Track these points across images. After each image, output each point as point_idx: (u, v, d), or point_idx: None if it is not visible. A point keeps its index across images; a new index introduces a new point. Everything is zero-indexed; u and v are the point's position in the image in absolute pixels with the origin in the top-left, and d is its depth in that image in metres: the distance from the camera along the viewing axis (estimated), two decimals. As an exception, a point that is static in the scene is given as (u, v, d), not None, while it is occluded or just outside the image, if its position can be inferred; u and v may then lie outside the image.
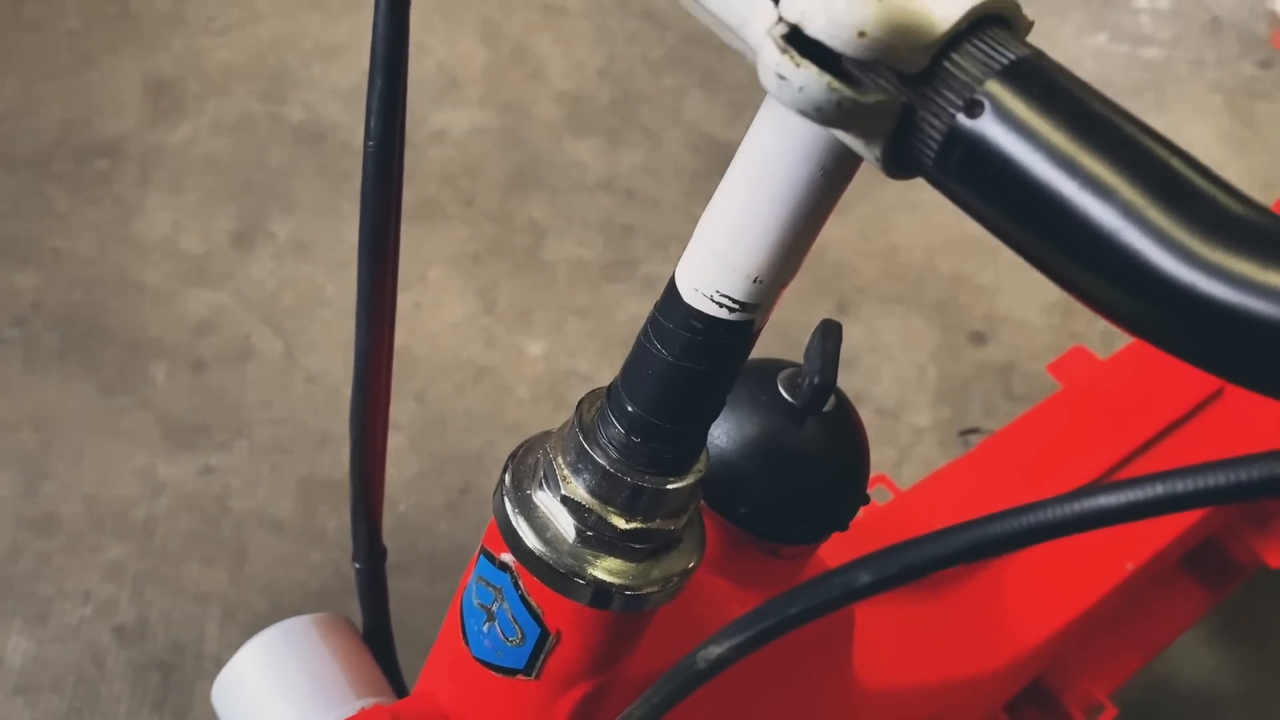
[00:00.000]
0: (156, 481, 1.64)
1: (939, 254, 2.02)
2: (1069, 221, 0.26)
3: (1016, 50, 0.28)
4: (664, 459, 0.39)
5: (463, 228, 1.97)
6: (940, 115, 0.28)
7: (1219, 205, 0.26)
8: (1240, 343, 0.24)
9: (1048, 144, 0.27)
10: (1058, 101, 0.27)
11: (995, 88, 0.28)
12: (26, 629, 1.48)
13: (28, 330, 1.77)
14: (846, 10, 0.27)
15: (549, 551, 0.40)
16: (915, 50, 0.28)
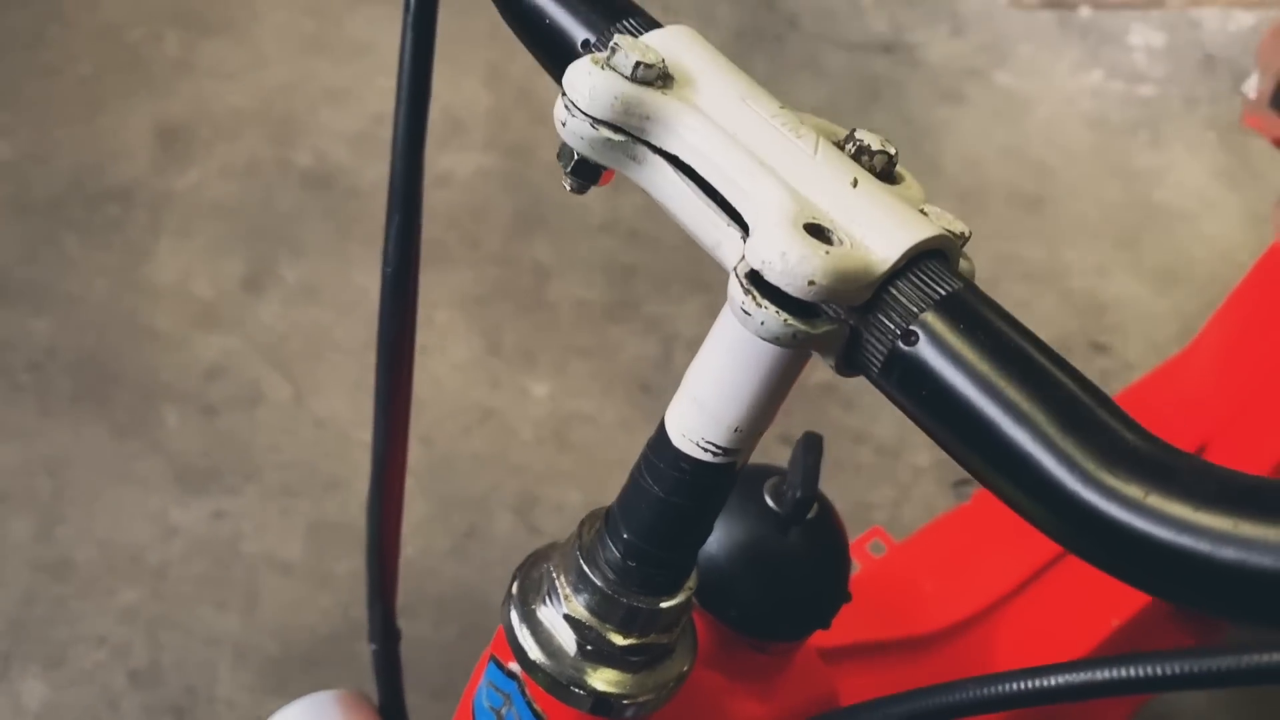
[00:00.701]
0: (169, 525, 1.67)
1: (937, 293, 2.06)
2: (989, 439, 0.30)
3: (948, 285, 0.32)
4: (656, 581, 0.43)
5: (468, 270, 2.00)
6: (881, 341, 0.32)
7: (1114, 433, 0.29)
8: (1125, 551, 0.28)
9: (973, 371, 0.30)
10: (983, 333, 0.31)
11: (929, 319, 0.31)
12: (43, 674, 1.51)
13: (42, 375, 1.81)
14: (798, 263, 0.31)
15: (552, 664, 0.43)
16: (859, 289, 0.32)
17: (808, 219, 0.32)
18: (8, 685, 1.49)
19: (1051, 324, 2.02)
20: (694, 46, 0.37)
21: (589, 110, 0.36)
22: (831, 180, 0.33)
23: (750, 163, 0.34)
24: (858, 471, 1.81)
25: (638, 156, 0.37)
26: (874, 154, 0.37)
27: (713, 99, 0.35)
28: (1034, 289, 2.08)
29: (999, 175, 2.27)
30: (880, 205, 0.33)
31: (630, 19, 0.39)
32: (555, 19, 0.40)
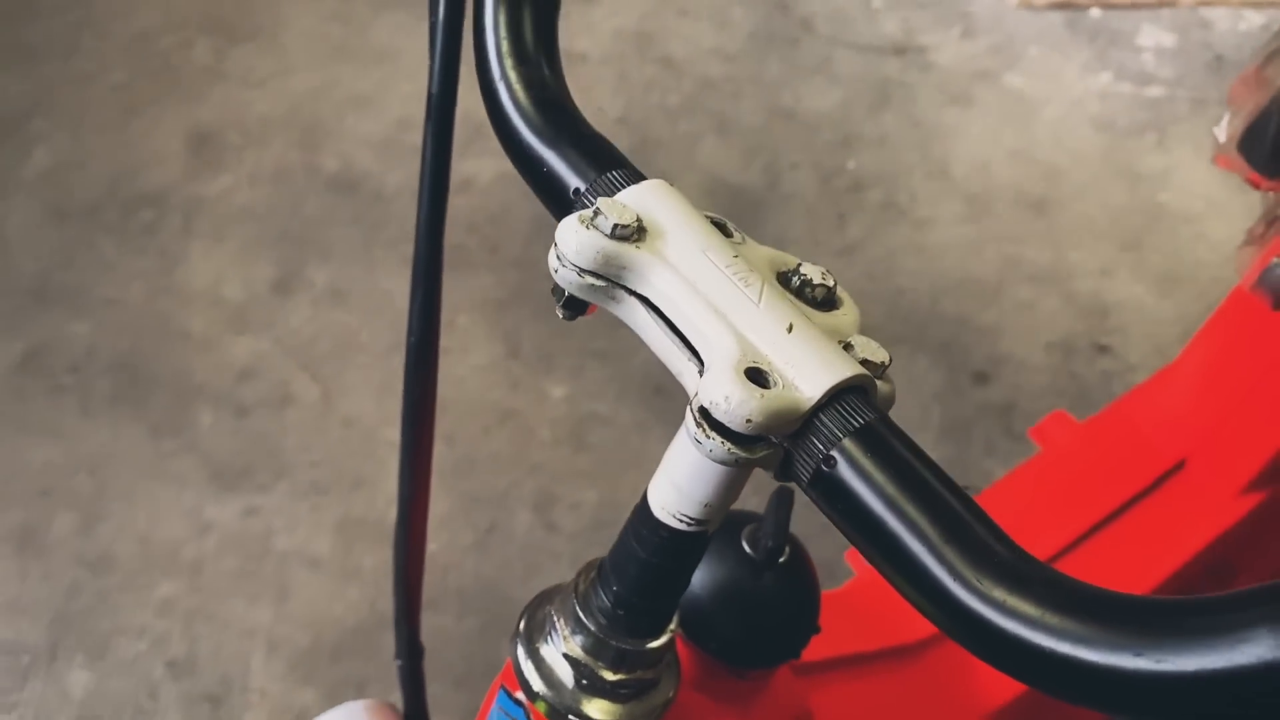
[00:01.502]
0: (204, 522, 1.75)
1: (943, 296, 2.11)
2: (892, 548, 0.36)
3: (862, 418, 0.39)
4: (641, 627, 0.50)
5: (488, 275, 2.07)
6: (807, 463, 0.39)
7: (986, 547, 0.36)
8: (990, 641, 0.34)
9: (879, 491, 0.37)
10: (887, 460, 0.38)
11: (845, 446, 0.38)
12: (87, 664, 1.60)
13: (82, 377, 1.89)
14: (739, 405, 0.38)
15: (553, 695, 0.50)
16: (788, 422, 0.38)
17: (749, 364, 0.39)
18: (54, 674, 1.58)
19: (1055, 326, 2.08)
20: (666, 200, 0.44)
21: (575, 262, 0.42)
22: (771, 326, 0.40)
23: (706, 310, 0.40)
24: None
25: (617, 297, 0.43)
26: (815, 287, 0.44)
27: (678, 250, 0.42)
28: (1039, 290, 2.13)
29: (1007, 177, 2.31)
30: (810, 348, 0.40)
31: (615, 171, 0.46)
32: (552, 168, 0.47)
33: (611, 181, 0.45)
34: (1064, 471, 1.19)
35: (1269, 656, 0.29)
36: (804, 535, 1.56)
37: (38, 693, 1.56)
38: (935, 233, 2.21)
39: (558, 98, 0.49)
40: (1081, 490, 1.14)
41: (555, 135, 0.47)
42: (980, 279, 2.14)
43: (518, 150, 0.48)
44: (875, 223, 2.22)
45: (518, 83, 0.48)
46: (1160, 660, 0.31)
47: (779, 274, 0.45)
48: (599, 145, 0.48)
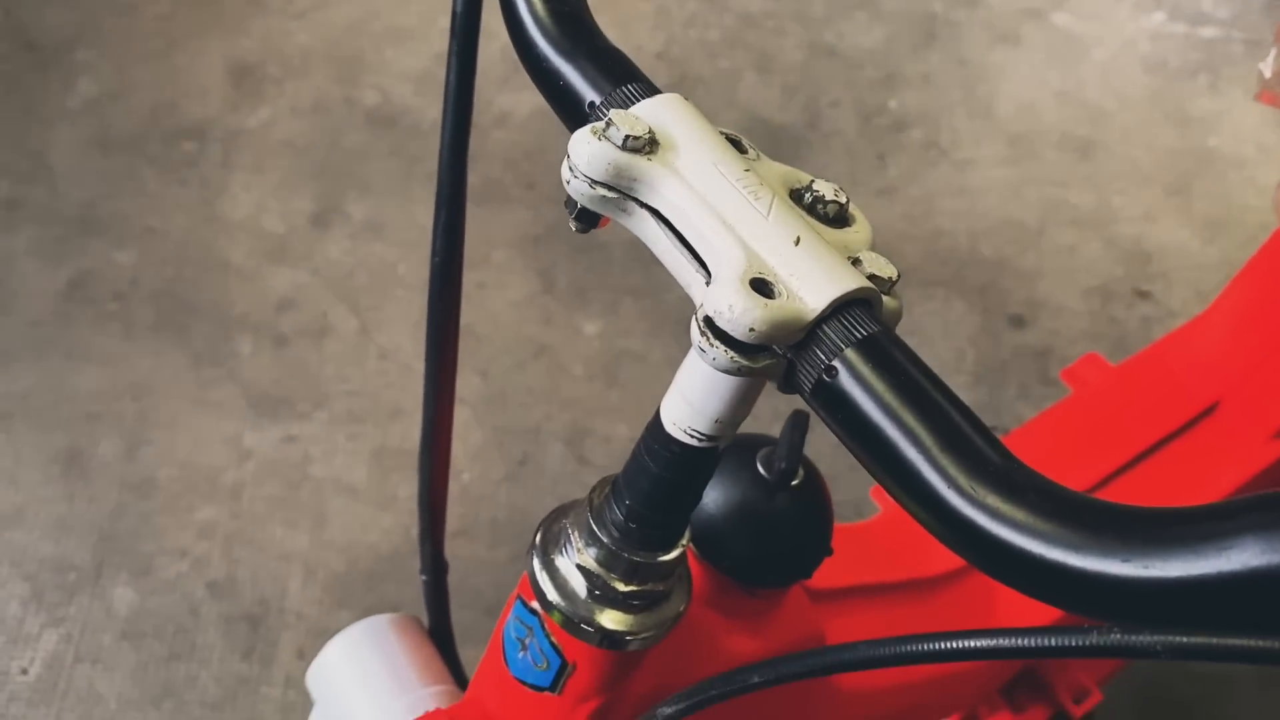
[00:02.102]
0: (243, 449, 1.79)
1: (983, 238, 2.09)
2: (890, 456, 0.37)
3: (865, 329, 0.39)
4: (653, 540, 0.51)
5: (524, 210, 2.08)
6: (809, 373, 0.39)
7: (986, 458, 0.36)
8: (984, 547, 0.35)
9: (879, 401, 0.37)
10: (889, 371, 0.38)
11: (846, 357, 0.38)
12: (131, 582, 1.64)
13: (126, 305, 1.93)
14: (742, 314, 0.38)
15: (567, 605, 0.51)
16: (792, 332, 0.39)
17: (755, 274, 0.39)
18: (100, 591, 1.63)
19: (1096, 270, 2.05)
20: (679, 113, 0.44)
21: (587, 173, 0.43)
22: (778, 239, 0.40)
23: (715, 222, 0.41)
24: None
25: (628, 209, 0.43)
26: (827, 203, 0.44)
27: (690, 163, 0.42)
28: (1080, 235, 2.10)
29: (1052, 119, 2.27)
30: (816, 261, 0.40)
31: (630, 84, 0.46)
32: (569, 81, 0.47)
33: (627, 95, 0.46)
34: (1095, 412, 1.18)
35: (1254, 564, 0.29)
36: (831, 473, 1.56)
37: (84, 608, 1.61)
38: (976, 174, 2.18)
39: (575, 11, 0.49)
40: (1112, 430, 1.13)
41: (572, 48, 0.47)
42: (1021, 222, 2.11)
43: (535, 63, 0.49)
44: (916, 163, 2.20)
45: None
46: (1147, 566, 0.31)
47: (792, 190, 0.45)
48: (615, 59, 0.48)
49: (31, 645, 1.58)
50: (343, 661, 0.76)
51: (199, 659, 1.59)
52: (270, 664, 1.60)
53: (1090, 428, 1.17)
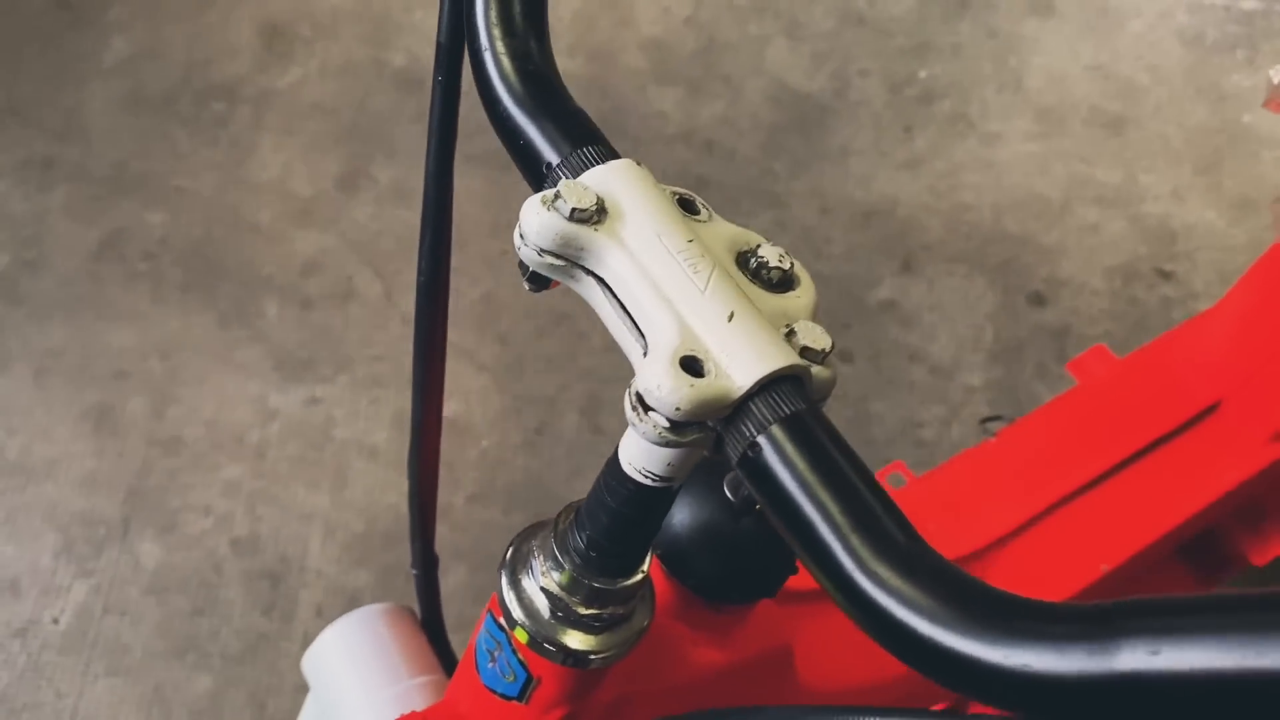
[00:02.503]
0: (268, 409, 1.83)
1: (1007, 213, 2.08)
2: (805, 532, 0.39)
3: (790, 407, 0.40)
4: (613, 567, 0.53)
5: (548, 177, 2.09)
6: (735, 448, 0.41)
7: (891, 538, 0.38)
8: (892, 630, 0.37)
9: (800, 480, 0.39)
10: (808, 451, 0.40)
11: (773, 433, 0.40)
12: (157, 537, 1.70)
13: (156, 265, 1.97)
14: (669, 394, 0.40)
15: (532, 624, 0.54)
16: (718, 409, 0.41)
17: (686, 350, 0.41)
18: (127, 545, 1.69)
19: (1119, 249, 2.04)
20: (630, 181, 0.46)
21: (536, 242, 0.45)
22: (713, 314, 0.42)
23: (653, 295, 0.42)
24: (910, 389, 1.88)
25: (575, 276, 0.45)
26: (770, 269, 0.45)
27: (634, 234, 0.44)
28: (1105, 213, 2.08)
29: (1083, 93, 2.25)
30: (747, 337, 0.41)
31: (589, 147, 0.48)
32: (530, 140, 0.49)
33: (583, 158, 0.47)
34: (1098, 406, 1.19)
35: (1130, 668, 0.31)
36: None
37: (113, 562, 1.67)
38: (1004, 148, 2.16)
39: (542, 71, 0.51)
40: (1113, 426, 1.15)
41: (535, 108, 0.49)
42: (1045, 198, 2.10)
43: (499, 120, 0.50)
44: (943, 135, 2.19)
45: (504, 53, 0.50)
46: (1025, 659, 0.33)
47: (739, 253, 0.47)
48: (577, 121, 0.50)
49: (62, 596, 1.64)
50: (335, 650, 0.79)
51: (221, 614, 1.64)
52: (290, 620, 1.65)
53: (1092, 422, 1.18)
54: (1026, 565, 1.03)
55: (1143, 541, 1.05)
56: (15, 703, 1.56)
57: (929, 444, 1.83)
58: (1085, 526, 1.08)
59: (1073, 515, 1.09)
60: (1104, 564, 1.04)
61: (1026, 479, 1.11)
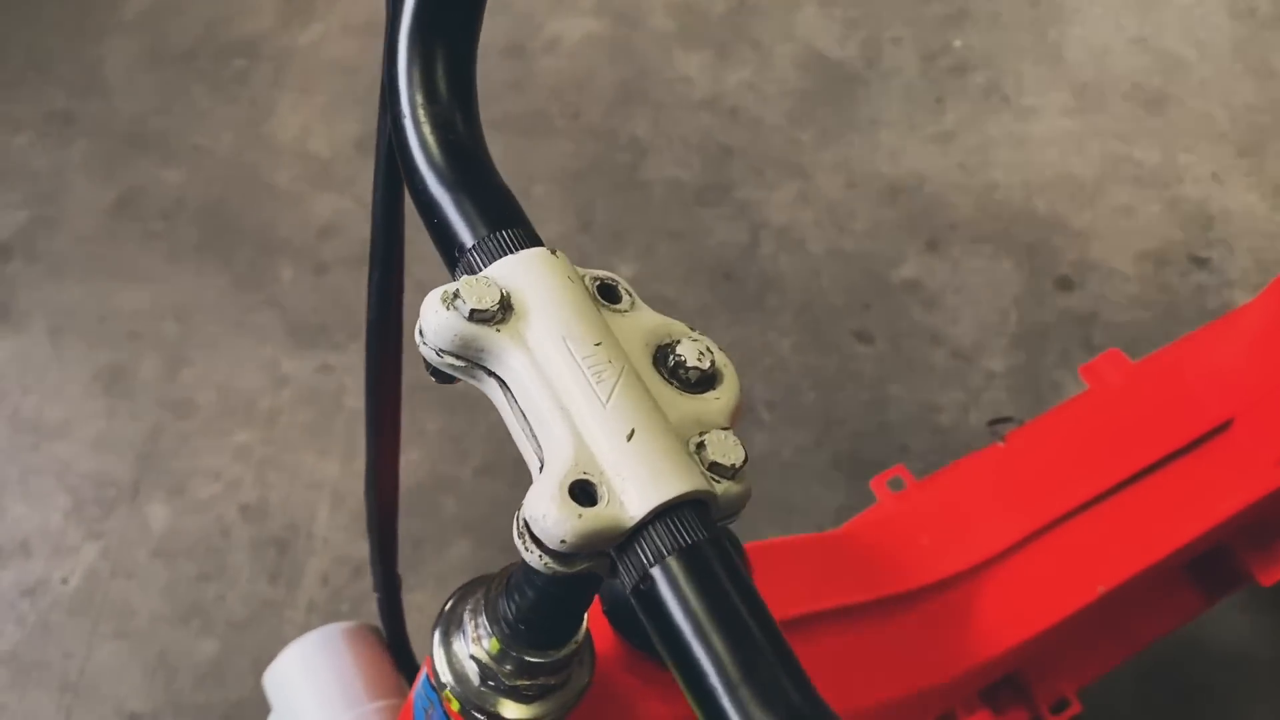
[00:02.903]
0: (280, 375, 1.83)
1: (1038, 193, 2.02)
2: (693, 674, 0.36)
3: (688, 537, 0.38)
4: (542, 641, 0.51)
5: (567, 142, 2.06)
6: (629, 578, 0.38)
7: (782, 691, 0.35)
8: None
9: (692, 619, 0.36)
10: (706, 586, 0.37)
11: (664, 568, 0.37)
12: (166, 500, 1.71)
13: (172, 224, 1.96)
14: (554, 525, 0.37)
15: (461, 690, 0.53)
16: (609, 540, 0.38)
17: (579, 474, 0.38)
18: (137, 508, 1.70)
19: (1153, 233, 1.98)
20: (542, 274, 0.43)
21: (432, 343, 0.42)
22: (612, 432, 0.39)
23: (552, 408, 0.40)
24: (930, 373, 1.85)
25: (477, 376, 0.43)
26: (688, 369, 0.42)
27: (538, 336, 0.41)
28: (1140, 194, 2.02)
29: (1124, 67, 2.17)
30: (645, 459, 0.39)
31: (507, 231, 0.44)
32: (445, 217, 0.46)
33: (499, 243, 0.44)
34: (1108, 417, 1.15)
35: None
36: (859, 430, 1.56)
37: (121, 524, 1.69)
38: (1038, 124, 2.10)
39: (467, 143, 0.47)
40: (1122, 439, 1.11)
41: (454, 182, 0.46)
42: (1079, 178, 2.03)
43: (416, 191, 0.47)
44: (976, 109, 2.12)
45: (425, 121, 0.47)
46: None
47: (659, 348, 0.44)
48: (498, 200, 0.47)
49: (72, 556, 1.66)
50: (295, 670, 0.79)
51: (227, 580, 1.66)
52: (295, 588, 1.66)
53: (1101, 432, 1.15)
54: (1020, 584, 1.00)
55: (1143, 563, 1.02)
56: (24, 660, 1.59)
57: (945, 430, 1.79)
58: (1085, 545, 1.05)
59: (1073, 532, 1.06)
60: (1101, 585, 1.01)
61: (1028, 491, 1.08)
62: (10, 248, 1.92)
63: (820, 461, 1.74)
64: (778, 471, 1.73)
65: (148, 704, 1.55)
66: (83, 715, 1.54)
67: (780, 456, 1.75)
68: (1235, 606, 1.64)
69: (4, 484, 1.71)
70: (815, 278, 1.92)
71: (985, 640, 0.96)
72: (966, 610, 0.97)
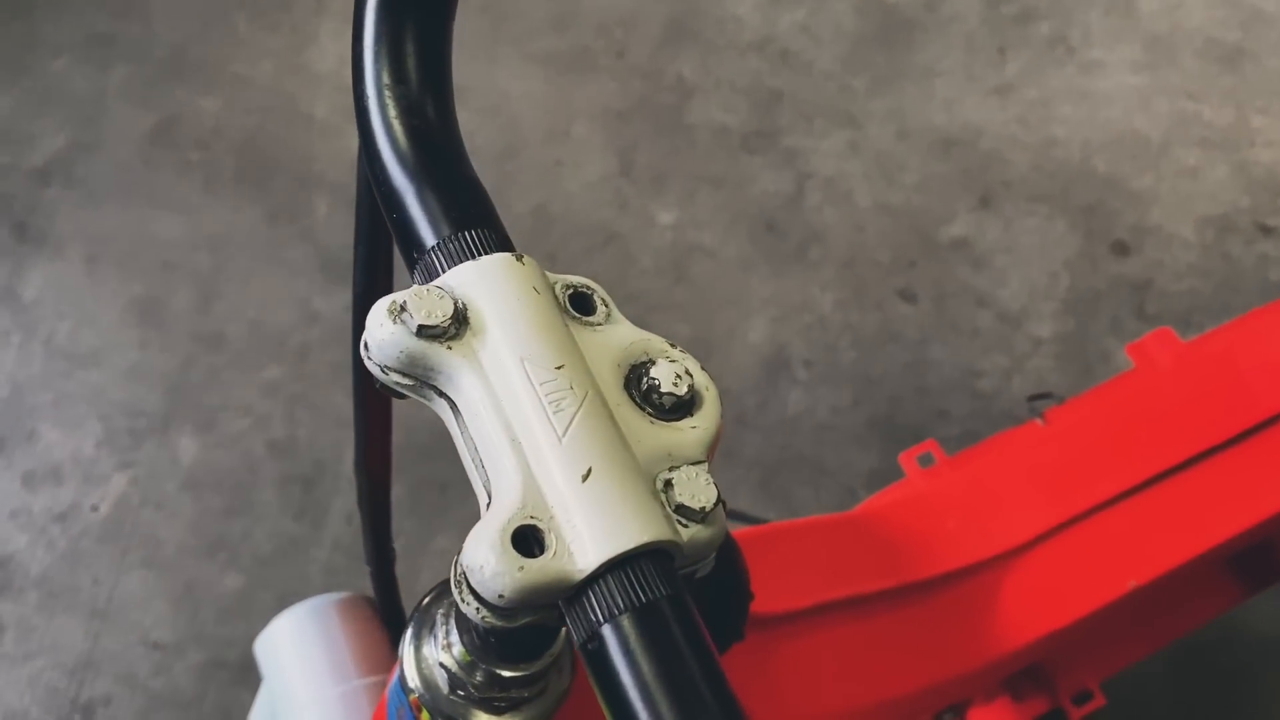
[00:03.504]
0: (312, 311, 1.81)
1: (1099, 152, 1.94)
2: None
3: (646, 593, 0.34)
4: (512, 655, 0.48)
5: (611, 81, 2.00)
6: (576, 632, 0.35)
7: None
8: None
9: (641, 686, 0.33)
10: (659, 650, 0.33)
11: (621, 623, 0.34)
12: (195, 434, 1.71)
13: (209, 154, 1.94)
14: (492, 578, 0.34)
15: (430, 697, 0.50)
16: (555, 594, 0.34)
17: (525, 519, 0.35)
18: (167, 440, 1.70)
19: (1217, 199, 1.89)
20: (503, 283, 0.39)
21: (377, 359, 0.38)
22: (565, 471, 0.35)
23: (502, 440, 0.36)
24: (974, 336, 1.79)
25: (427, 396, 0.39)
26: (662, 395, 0.39)
27: (493, 356, 0.37)
28: (1207, 156, 1.93)
29: (1199, 20, 2.06)
30: (601, 504, 0.35)
31: (471, 232, 0.40)
32: (407, 213, 0.41)
33: (461, 245, 0.40)
34: (1153, 401, 1.10)
35: None
36: (895, 394, 1.52)
37: (152, 455, 1.69)
38: (1104, 78, 2.00)
39: (437, 133, 0.43)
40: (1167, 425, 1.06)
41: (419, 174, 0.42)
42: (1143, 137, 1.94)
43: (378, 183, 0.43)
44: (1039, 60, 2.03)
45: (391, 105, 0.42)
46: None
47: (633, 367, 0.40)
48: (467, 196, 0.42)
49: (102, 485, 1.67)
50: (286, 640, 0.77)
51: (254, 515, 1.66)
52: (320, 526, 1.66)
53: (1145, 417, 1.09)
54: (1049, 575, 0.96)
55: (1180, 558, 0.97)
56: (54, 585, 1.61)
57: (986, 396, 1.74)
58: (1120, 536, 1.00)
59: (1108, 522, 1.01)
60: (1133, 580, 0.96)
61: (1064, 476, 1.03)
62: (49, 172, 1.91)
63: (855, 423, 1.70)
64: (811, 431, 1.69)
65: (172, 634, 1.56)
66: (109, 642, 1.56)
67: (815, 416, 1.71)
68: (1273, 591, 1.58)
69: (38, 409, 1.71)
70: (860, 232, 1.86)
71: (1008, 633, 0.93)
72: (990, 600, 0.93)
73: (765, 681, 0.70)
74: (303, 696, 0.73)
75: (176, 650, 1.55)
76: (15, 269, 1.82)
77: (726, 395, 1.72)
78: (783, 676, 0.71)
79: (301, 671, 0.75)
